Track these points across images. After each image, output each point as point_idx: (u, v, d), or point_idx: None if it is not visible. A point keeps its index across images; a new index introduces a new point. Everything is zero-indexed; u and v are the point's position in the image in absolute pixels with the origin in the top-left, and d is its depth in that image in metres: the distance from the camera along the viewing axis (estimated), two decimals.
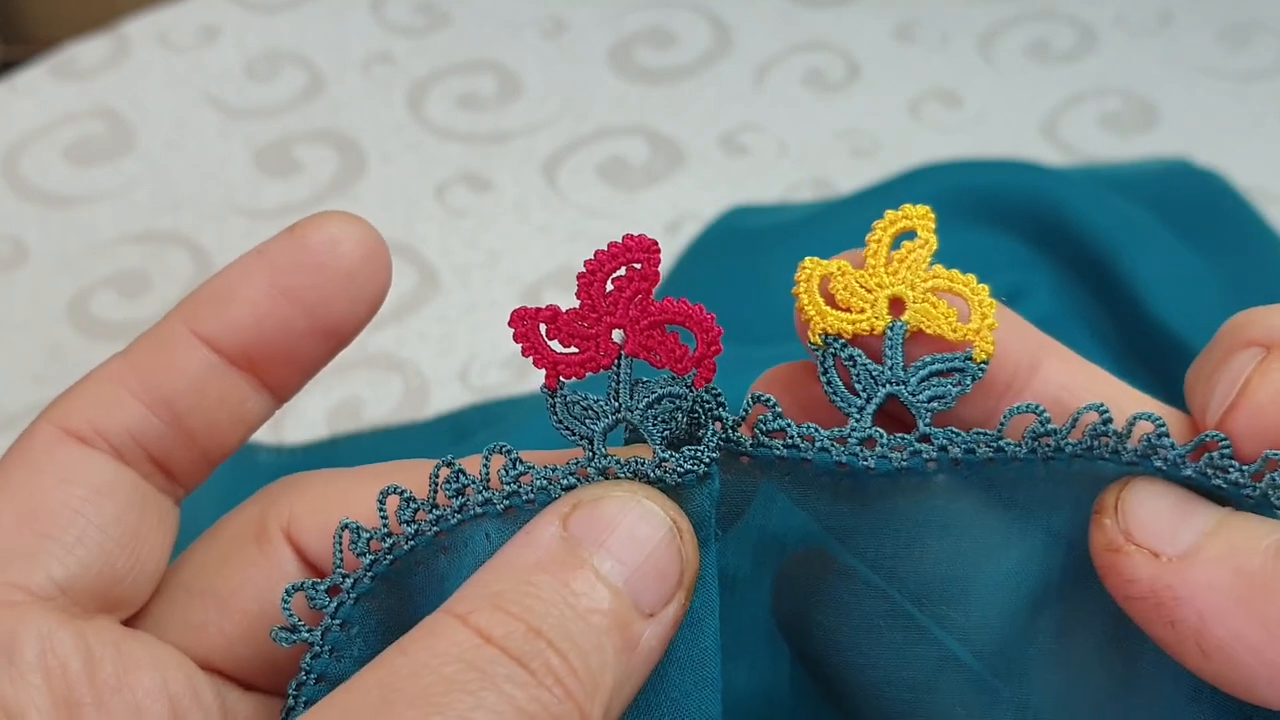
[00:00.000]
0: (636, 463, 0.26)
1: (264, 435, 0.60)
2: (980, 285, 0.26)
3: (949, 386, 0.26)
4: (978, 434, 0.25)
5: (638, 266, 0.26)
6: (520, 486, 0.26)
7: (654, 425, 0.26)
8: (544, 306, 0.26)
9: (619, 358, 0.26)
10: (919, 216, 0.27)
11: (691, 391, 0.26)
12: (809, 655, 0.28)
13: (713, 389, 0.26)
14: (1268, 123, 0.76)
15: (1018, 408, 0.25)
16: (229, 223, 0.72)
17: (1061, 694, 0.26)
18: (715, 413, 0.26)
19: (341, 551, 0.26)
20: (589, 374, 0.26)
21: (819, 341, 0.26)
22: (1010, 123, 0.77)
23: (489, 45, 0.84)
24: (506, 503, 0.26)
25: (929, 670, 0.26)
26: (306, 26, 0.86)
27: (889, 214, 0.27)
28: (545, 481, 0.26)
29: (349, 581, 0.26)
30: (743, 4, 0.87)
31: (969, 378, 0.26)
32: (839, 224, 0.67)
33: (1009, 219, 0.65)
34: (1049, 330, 0.27)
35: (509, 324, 0.26)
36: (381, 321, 0.66)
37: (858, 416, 0.26)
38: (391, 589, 0.26)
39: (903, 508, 0.26)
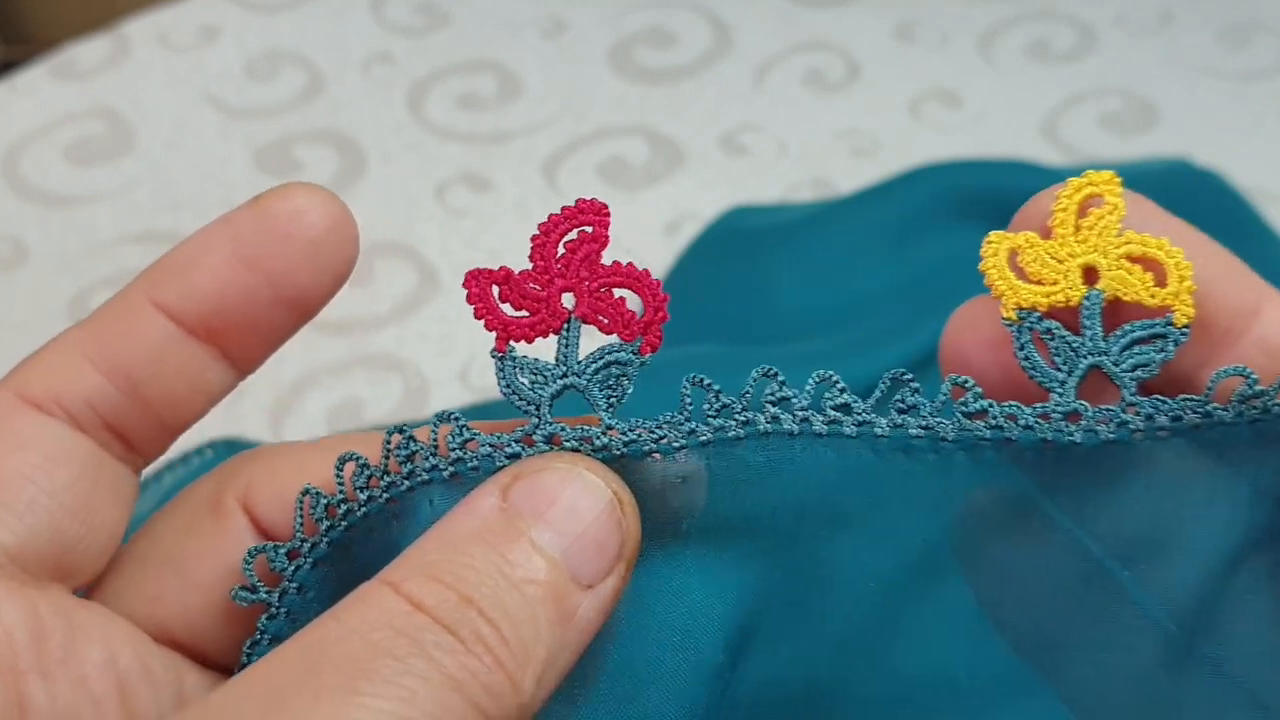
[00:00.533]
0: (583, 430, 0.26)
1: (264, 435, 0.60)
2: (1175, 248, 0.26)
3: (1152, 354, 0.25)
4: (1184, 400, 0.25)
5: (589, 230, 0.26)
6: (466, 453, 0.26)
7: (600, 391, 0.26)
8: (498, 268, 0.27)
9: (568, 321, 0.26)
10: (1104, 182, 0.26)
11: (638, 358, 0.26)
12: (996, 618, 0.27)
13: (706, 381, 0.26)
14: (1268, 123, 0.76)
15: (1225, 371, 0.25)
16: None
17: (1257, 649, 0.26)
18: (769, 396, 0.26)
19: (302, 517, 0.27)
20: (538, 338, 0.26)
21: (1013, 317, 0.26)
22: (1010, 123, 0.77)
23: (489, 45, 0.84)
24: (452, 469, 0.26)
25: (1127, 631, 0.26)
26: (306, 26, 0.86)
27: (1072, 181, 0.26)
28: (490, 448, 0.26)
29: (307, 546, 0.27)
30: (743, 4, 0.87)
31: (1171, 343, 0.25)
32: (839, 224, 0.67)
33: (1009, 219, 0.65)
34: None
35: (463, 284, 0.27)
36: (381, 321, 0.66)
37: (1060, 390, 0.25)
38: (346, 554, 0.27)
39: (1107, 469, 0.25)
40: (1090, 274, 0.26)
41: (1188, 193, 0.68)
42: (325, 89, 0.81)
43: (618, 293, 0.27)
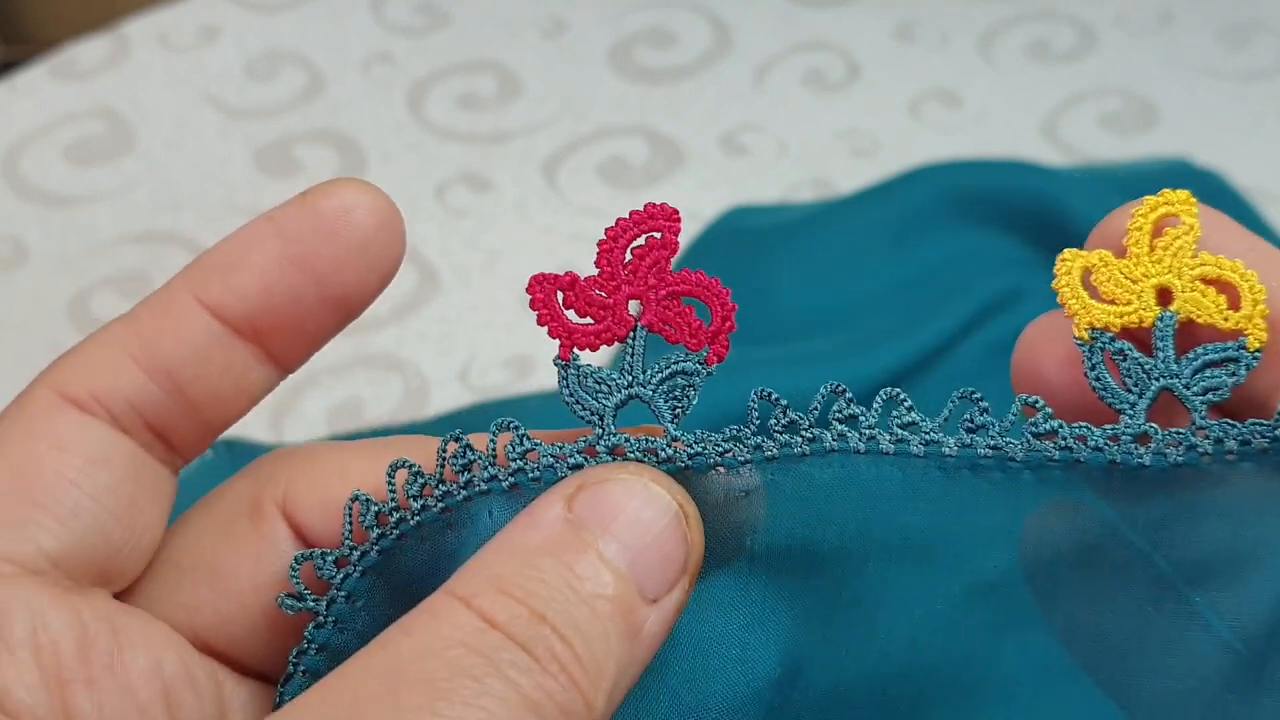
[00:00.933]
0: (647, 441, 0.25)
1: (264, 435, 0.60)
2: (1249, 271, 0.25)
3: (1224, 377, 0.25)
4: (1254, 424, 0.25)
5: (658, 235, 0.26)
6: (526, 464, 0.25)
7: (665, 402, 0.26)
8: (563, 273, 0.26)
9: (634, 330, 0.26)
10: (1180, 202, 0.26)
11: (704, 369, 0.25)
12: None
13: (774, 396, 0.25)
14: (1268, 123, 0.76)
15: None
16: (229, 223, 0.72)
17: None
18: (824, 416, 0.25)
19: (351, 524, 0.26)
20: (603, 346, 0.26)
21: (1085, 336, 0.26)
22: (1010, 123, 0.77)
23: (489, 45, 0.84)
24: (512, 480, 0.25)
25: (1197, 654, 0.25)
26: (306, 26, 0.86)
27: (1148, 200, 0.26)
28: (551, 459, 0.25)
29: (356, 554, 0.26)
30: (743, 4, 0.87)
31: (1243, 367, 0.25)
32: (839, 224, 0.67)
33: (1009, 219, 0.65)
34: None
35: (527, 289, 0.26)
36: (381, 321, 0.66)
37: (1131, 413, 0.25)
38: (397, 564, 0.26)
39: (1177, 492, 0.25)
40: (1164, 295, 0.26)
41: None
42: (325, 89, 0.81)
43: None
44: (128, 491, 0.26)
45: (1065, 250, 0.26)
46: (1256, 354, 0.25)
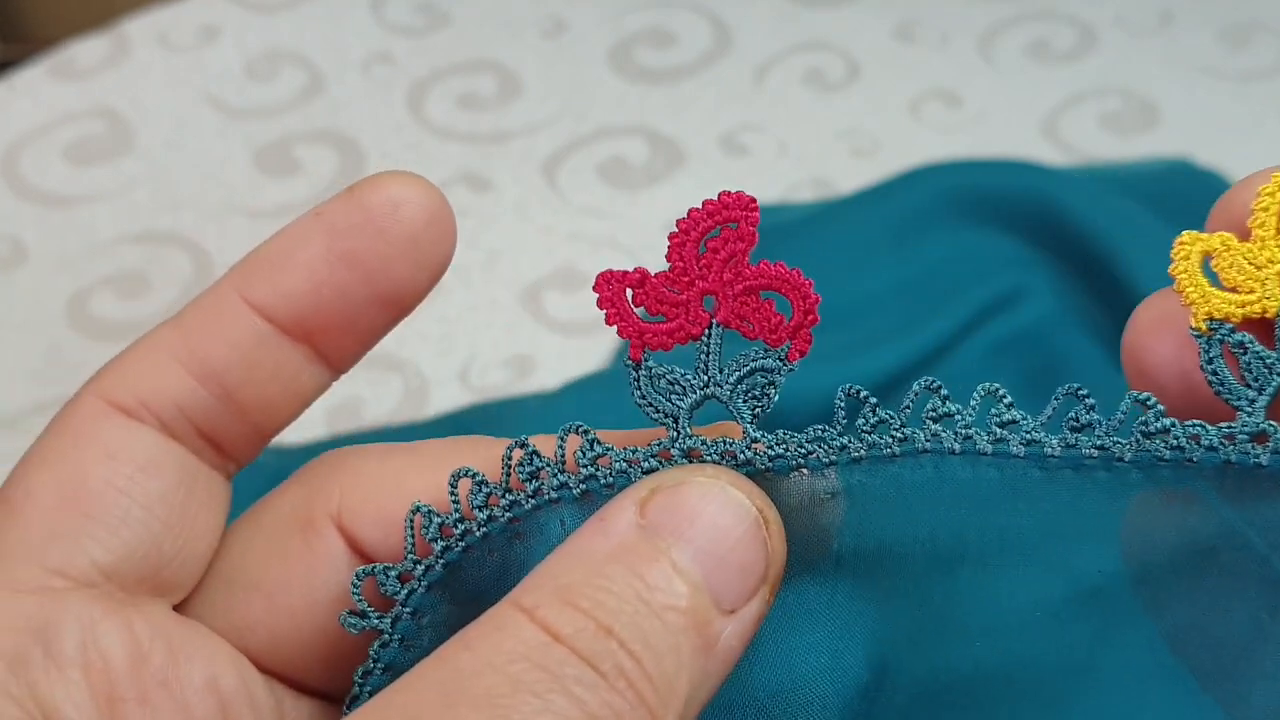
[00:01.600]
0: (725, 444, 0.24)
1: None
2: None
3: None
4: None
5: (733, 226, 0.24)
6: (598, 469, 0.24)
7: (744, 402, 0.24)
8: (632, 269, 0.24)
9: (709, 327, 0.24)
10: None
11: (785, 365, 0.24)
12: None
13: (864, 394, 0.24)
14: (1268, 123, 0.76)
15: None
16: (229, 223, 0.72)
17: None
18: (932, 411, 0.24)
19: (414, 536, 0.25)
20: (676, 345, 0.24)
21: (1203, 327, 0.24)
22: (1010, 123, 0.77)
23: (489, 45, 0.84)
24: (583, 487, 0.24)
25: None
26: (306, 26, 0.86)
27: (1276, 177, 0.24)
28: (625, 464, 0.24)
29: (421, 568, 0.25)
30: (743, 4, 0.87)
31: None
32: (839, 224, 0.67)
33: (1009, 219, 0.65)
34: (1049, 330, 0.27)
35: (594, 288, 0.24)
36: None
37: (1249, 410, 0.23)
38: (464, 578, 0.25)
39: None
40: None
41: (1188, 193, 0.68)
42: (325, 89, 0.81)
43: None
44: (179, 499, 0.25)
45: (1184, 233, 0.24)
46: None
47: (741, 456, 0.24)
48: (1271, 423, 0.23)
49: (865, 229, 0.66)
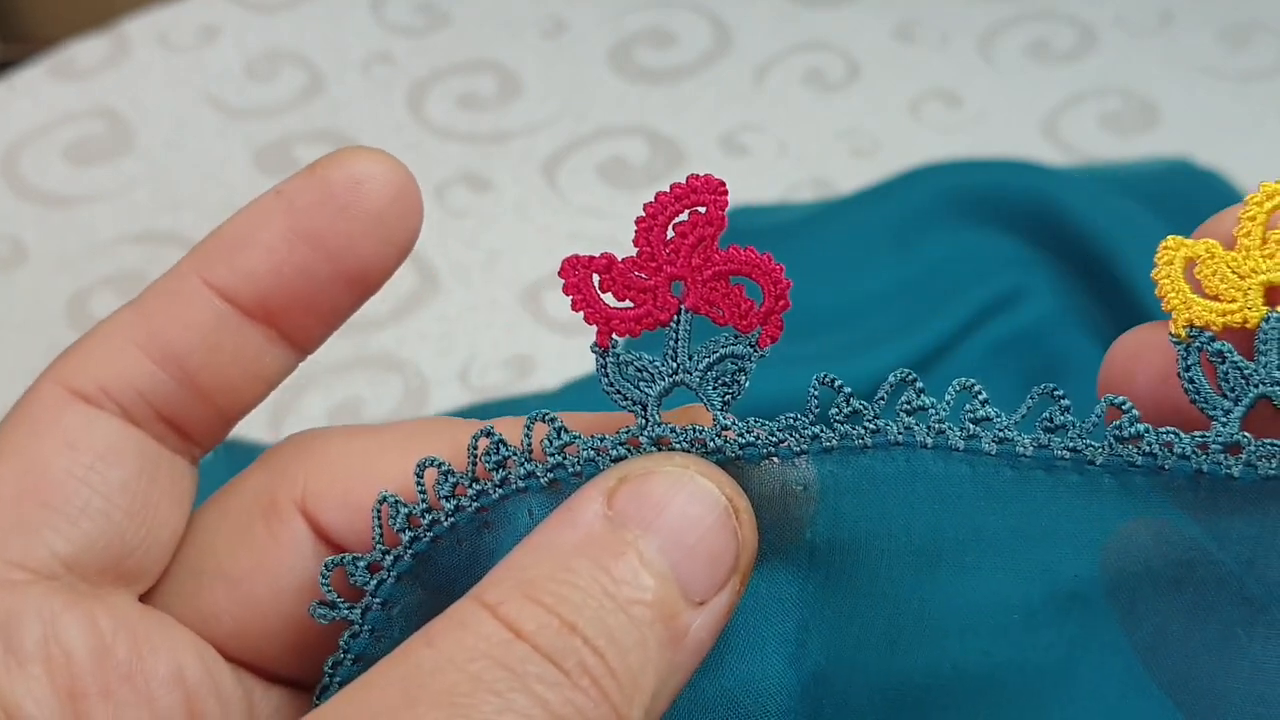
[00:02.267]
0: (694, 431, 0.24)
1: (264, 435, 0.60)
2: None
3: None
4: None
5: (702, 210, 0.24)
6: (565, 458, 0.24)
7: (714, 389, 0.24)
8: (598, 255, 0.24)
9: (678, 313, 0.24)
10: None
11: (756, 351, 0.24)
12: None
13: (837, 382, 0.24)
14: (1268, 123, 0.76)
15: None
16: None
17: None
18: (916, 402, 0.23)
19: (381, 526, 0.24)
20: (644, 331, 0.24)
21: (1182, 334, 0.23)
22: (1010, 123, 0.77)
23: (489, 45, 0.84)
24: (551, 475, 0.24)
25: None
26: (306, 26, 0.86)
27: (1265, 187, 0.24)
28: (593, 452, 0.24)
29: (390, 558, 0.24)
30: (743, 4, 0.87)
31: None
32: (839, 224, 0.67)
33: (1009, 219, 0.65)
34: (1049, 330, 0.26)
35: (560, 274, 0.24)
36: (381, 321, 0.66)
37: (1224, 420, 0.23)
38: (433, 567, 0.25)
39: (1274, 511, 0.23)
40: (1274, 294, 0.23)
41: (1188, 193, 0.68)
42: (325, 89, 0.81)
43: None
44: (141, 487, 0.25)
45: (1169, 238, 0.24)
46: None
47: (711, 444, 0.24)
48: (1246, 434, 0.23)
49: (865, 229, 0.66)
